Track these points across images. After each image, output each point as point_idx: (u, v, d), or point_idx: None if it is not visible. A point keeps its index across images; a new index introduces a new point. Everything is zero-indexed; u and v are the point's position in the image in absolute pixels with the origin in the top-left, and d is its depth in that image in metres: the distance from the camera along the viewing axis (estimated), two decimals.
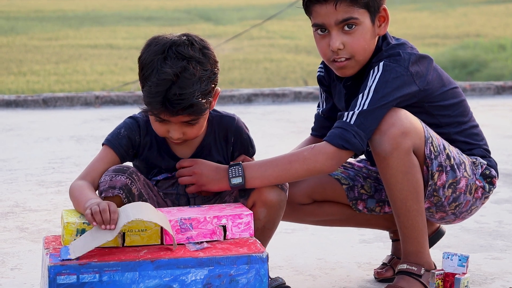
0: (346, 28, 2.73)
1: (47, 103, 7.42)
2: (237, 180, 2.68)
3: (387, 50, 2.78)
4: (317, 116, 3.07)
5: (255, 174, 2.67)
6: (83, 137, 6.05)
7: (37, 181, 4.67)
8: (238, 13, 18.45)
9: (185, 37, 2.65)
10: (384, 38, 2.82)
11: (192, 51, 2.63)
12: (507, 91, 7.97)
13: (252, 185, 2.68)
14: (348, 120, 2.69)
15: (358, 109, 2.69)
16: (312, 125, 3.10)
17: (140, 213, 2.43)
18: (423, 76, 2.76)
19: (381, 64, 2.73)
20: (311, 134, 3.08)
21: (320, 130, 3.05)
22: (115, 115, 6.93)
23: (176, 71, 2.57)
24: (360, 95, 2.71)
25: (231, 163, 2.72)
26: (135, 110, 2.93)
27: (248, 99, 7.58)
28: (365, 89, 2.71)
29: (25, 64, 11.30)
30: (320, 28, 2.77)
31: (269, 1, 21.15)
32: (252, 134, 2.95)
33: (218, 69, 2.68)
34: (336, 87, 2.94)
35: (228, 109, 6.86)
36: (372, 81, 2.71)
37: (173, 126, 2.66)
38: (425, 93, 2.77)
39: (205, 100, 2.62)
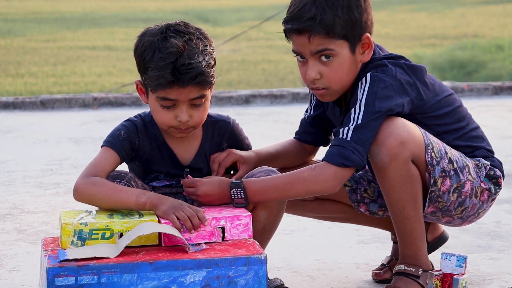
0: (323, 58, 2.71)
1: (45, 105, 7.42)
2: (240, 201, 2.67)
3: (373, 61, 2.75)
4: (302, 121, 3.05)
5: (256, 196, 2.67)
6: (81, 138, 6.05)
7: (35, 183, 4.67)
8: (236, 14, 18.43)
9: (178, 21, 2.69)
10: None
11: (189, 28, 2.67)
12: (505, 92, 7.98)
13: (254, 203, 2.69)
14: (344, 137, 2.65)
15: (353, 124, 2.65)
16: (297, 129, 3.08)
17: (141, 231, 2.45)
18: (414, 86, 2.73)
19: (368, 75, 2.70)
20: (294, 137, 3.05)
21: (303, 135, 3.02)
22: (113, 116, 6.92)
23: (181, 43, 2.60)
24: (352, 110, 2.68)
25: (232, 181, 2.70)
26: (133, 112, 2.93)
27: (246, 101, 7.58)
28: (356, 103, 2.68)
29: (23, 66, 11.28)
30: (300, 55, 2.75)
31: (267, 2, 21.14)
32: (250, 136, 2.95)
33: (214, 50, 2.68)
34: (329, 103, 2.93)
35: (226, 111, 6.88)
36: (362, 94, 2.68)
37: (180, 107, 2.65)
38: (418, 104, 2.74)
39: (211, 72, 2.64)
